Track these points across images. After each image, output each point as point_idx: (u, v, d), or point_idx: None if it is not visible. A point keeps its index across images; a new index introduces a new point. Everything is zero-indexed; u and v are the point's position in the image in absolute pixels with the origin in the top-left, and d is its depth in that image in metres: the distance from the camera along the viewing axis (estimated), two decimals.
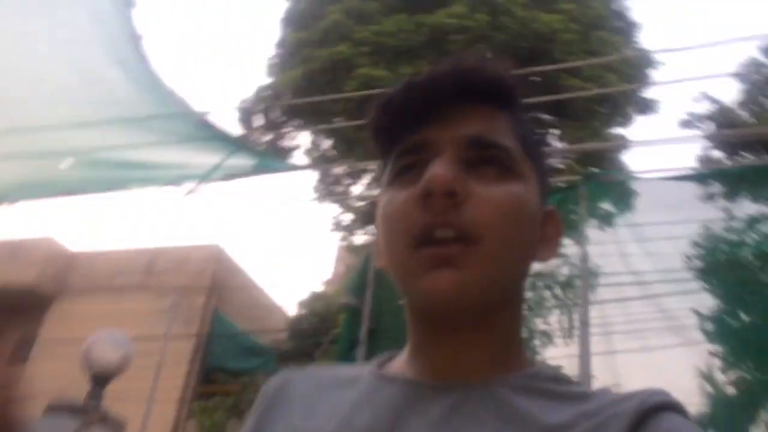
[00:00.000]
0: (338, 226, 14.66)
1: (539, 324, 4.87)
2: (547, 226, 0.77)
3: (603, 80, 11.76)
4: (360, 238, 13.96)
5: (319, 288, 18.73)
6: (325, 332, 15.05)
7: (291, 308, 17.50)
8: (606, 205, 4.13)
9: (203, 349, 15.32)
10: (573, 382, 0.72)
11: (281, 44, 14.17)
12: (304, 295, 17.93)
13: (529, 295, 5.32)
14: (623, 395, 0.66)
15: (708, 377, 4.24)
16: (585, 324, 3.86)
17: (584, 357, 3.64)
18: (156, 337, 13.91)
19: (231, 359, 15.01)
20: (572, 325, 5.10)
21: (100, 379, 4.45)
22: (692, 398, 4.07)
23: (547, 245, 0.77)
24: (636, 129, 14.33)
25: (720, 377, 4.28)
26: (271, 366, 15.25)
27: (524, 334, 0.75)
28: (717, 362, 4.33)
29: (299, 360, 14.70)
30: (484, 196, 0.67)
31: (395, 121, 0.72)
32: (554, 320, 5.08)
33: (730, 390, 4.30)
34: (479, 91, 0.71)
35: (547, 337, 4.80)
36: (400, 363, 0.77)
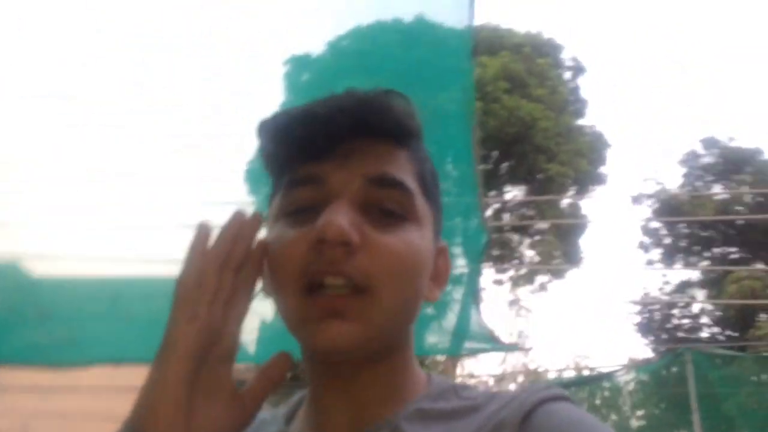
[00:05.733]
0: None
1: None
2: (438, 263, 0.77)
3: (575, 164, 13.81)
4: None
5: None
6: None
7: None
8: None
9: None
10: (467, 388, 0.74)
11: None
12: None
13: None
14: (508, 397, 0.68)
15: None
16: None
17: None
18: None
19: None
20: None
21: None
22: None
23: (437, 282, 0.77)
24: (592, 202, 16.61)
25: None
26: None
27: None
28: None
29: None
30: (380, 244, 0.66)
31: (290, 152, 0.70)
32: None
33: None
34: (380, 128, 0.69)
35: None
36: (302, 415, 0.77)
